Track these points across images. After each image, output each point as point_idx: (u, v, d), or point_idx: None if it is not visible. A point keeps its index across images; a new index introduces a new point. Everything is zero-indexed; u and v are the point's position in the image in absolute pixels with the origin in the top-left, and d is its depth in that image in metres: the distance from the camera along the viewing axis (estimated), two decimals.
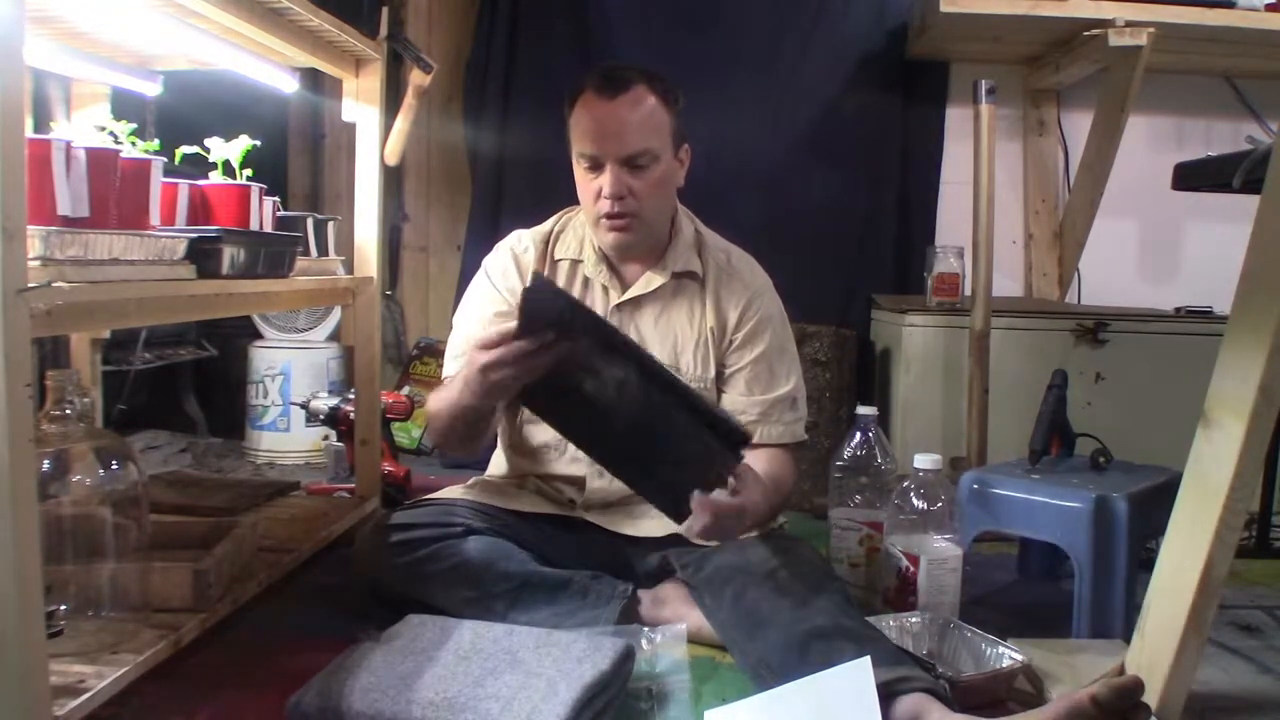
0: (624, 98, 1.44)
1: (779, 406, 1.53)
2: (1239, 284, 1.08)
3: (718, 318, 1.54)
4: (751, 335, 1.54)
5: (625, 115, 1.44)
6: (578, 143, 1.47)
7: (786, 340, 1.59)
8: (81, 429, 1.14)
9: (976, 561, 1.67)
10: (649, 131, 1.46)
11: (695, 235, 1.59)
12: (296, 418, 2.54)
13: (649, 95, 1.46)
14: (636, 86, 1.45)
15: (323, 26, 1.59)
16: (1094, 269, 2.82)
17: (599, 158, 1.44)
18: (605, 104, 1.45)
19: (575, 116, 1.48)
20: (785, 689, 1.14)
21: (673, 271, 1.55)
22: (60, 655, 1.06)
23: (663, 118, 1.48)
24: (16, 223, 0.85)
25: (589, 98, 1.46)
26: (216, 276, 1.34)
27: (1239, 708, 1.29)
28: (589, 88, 1.46)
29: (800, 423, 1.56)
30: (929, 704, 1.08)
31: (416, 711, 1.06)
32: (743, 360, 1.54)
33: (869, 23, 2.78)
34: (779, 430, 1.52)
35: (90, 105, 1.83)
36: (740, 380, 1.54)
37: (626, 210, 1.46)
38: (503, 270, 1.57)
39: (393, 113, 1.94)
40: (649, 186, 1.47)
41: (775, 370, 1.55)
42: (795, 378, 1.57)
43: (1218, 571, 1.06)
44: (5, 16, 0.83)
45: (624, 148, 1.44)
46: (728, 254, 1.60)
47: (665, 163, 1.48)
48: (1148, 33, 2.32)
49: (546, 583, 1.41)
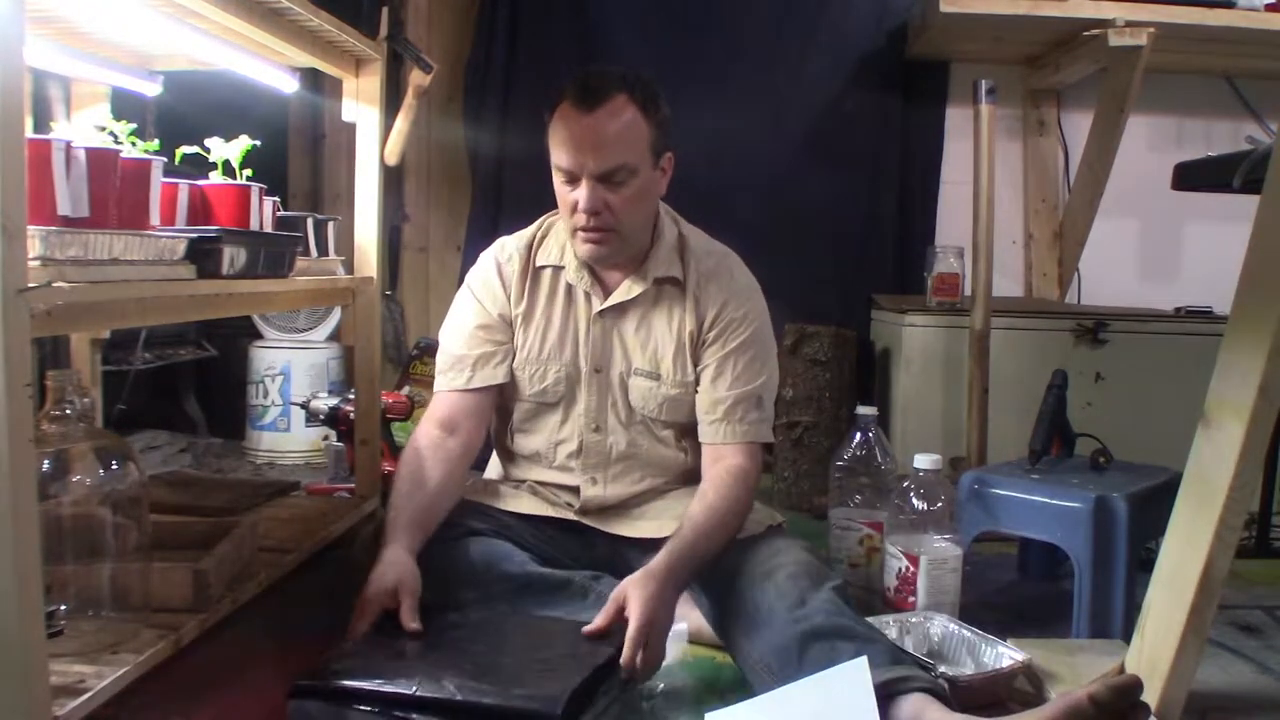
0: (601, 111, 1.39)
1: (743, 404, 1.48)
2: (1239, 284, 1.08)
3: (696, 319, 1.52)
4: (724, 331, 1.51)
5: (601, 129, 1.39)
6: (554, 154, 1.43)
7: (762, 341, 1.54)
8: (81, 429, 1.13)
9: (976, 561, 1.67)
10: (625, 146, 1.40)
11: (678, 239, 1.56)
12: (296, 418, 2.54)
13: (628, 106, 1.41)
14: (615, 97, 1.40)
15: (323, 26, 1.59)
16: (1094, 269, 2.83)
17: (574, 172, 1.41)
18: (582, 117, 1.39)
19: (553, 127, 1.43)
20: (785, 690, 1.14)
21: (654, 278, 1.52)
22: (60, 655, 1.05)
23: (641, 130, 1.42)
24: (16, 223, 0.85)
25: (566, 109, 1.41)
26: (216, 276, 1.34)
27: (1239, 708, 1.29)
28: (567, 98, 1.41)
29: (765, 423, 1.51)
30: (929, 704, 1.08)
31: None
32: (714, 356, 1.50)
33: (869, 23, 2.78)
34: (741, 429, 1.47)
35: (90, 105, 1.83)
36: (707, 374, 1.50)
37: (603, 225, 1.42)
38: (484, 282, 1.55)
39: (393, 113, 1.94)
40: (625, 201, 1.42)
41: (745, 367, 1.50)
42: (765, 378, 1.52)
43: (1218, 571, 1.06)
44: (5, 16, 0.83)
45: (600, 164, 1.39)
46: (711, 256, 1.56)
47: (643, 176, 1.44)
48: (1148, 33, 2.32)
49: (547, 583, 1.41)
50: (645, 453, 1.52)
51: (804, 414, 2.29)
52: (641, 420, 1.51)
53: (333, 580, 1.61)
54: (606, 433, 1.51)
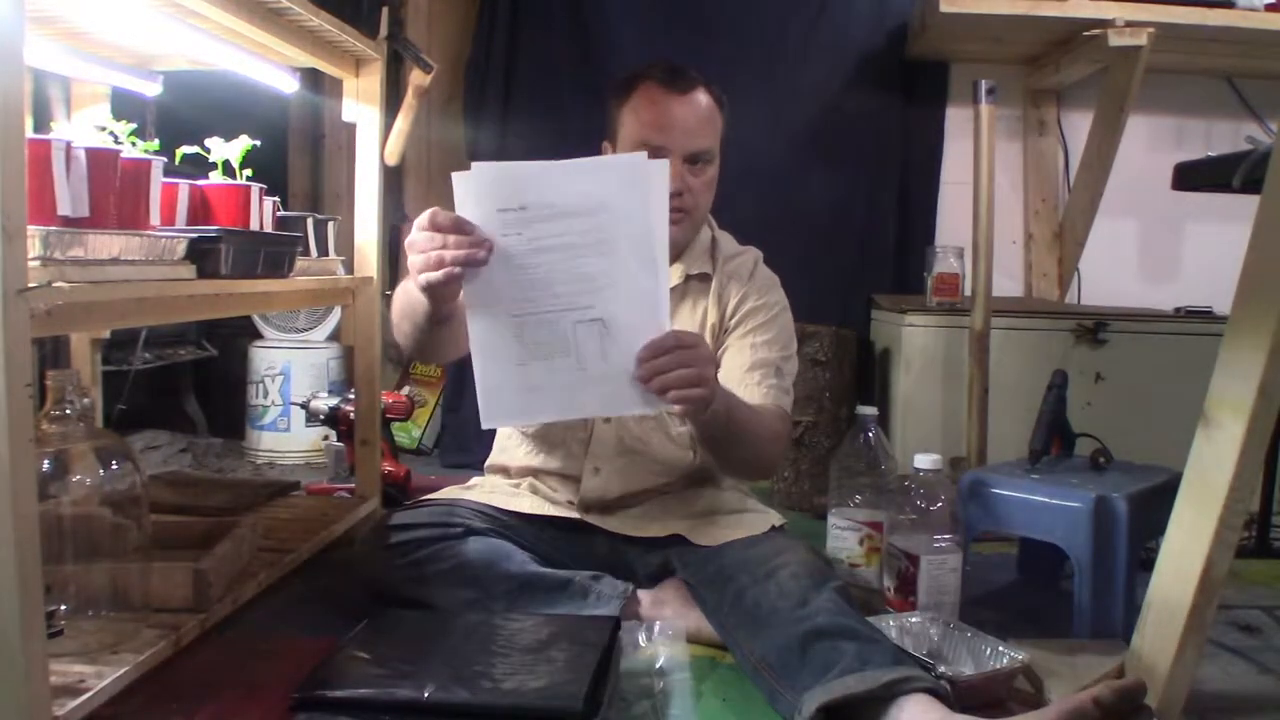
0: (691, 95, 1.47)
1: (760, 369, 1.50)
2: (1239, 284, 1.08)
3: (719, 312, 1.55)
4: (746, 317, 1.54)
5: (693, 112, 1.46)
6: (640, 131, 1.46)
7: (783, 326, 1.56)
8: (81, 429, 1.14)
9: (976, 561, 1.67)
10: (712, 130, 1.49)
11: (711, 240, 1.60)
12: (296, 418, 2.54)
13: (708, 96, 1.49)
14: (699, 86, 1.49)
15: (323, 26, 1.59)
16: (1094, 269, 2.83)
17: (664, 149, 1.42)
18: (675, 97, 1.46)
19: (635, 105, 1.48)
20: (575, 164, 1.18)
21: (687, 274, 1.55)
22: (60, 655, 1.05)
23: (718, 121, 1.50)
24: (16, 223, 0.85)
25: (654, 89, 1.47)
26: (216, 276, 1.34)
27: (1239, 708, 1.28)
28: (653, 79, 1.47)
29: (786, 394, 1.52)
30: (930, 704, 1.08)
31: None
32: (733, 339, 1.53)
33: (869, 23, 2.78)
34: (762, 391, 1.48)
35: (90, 105, 1.83)
36: (728, 355, 1.52)
37: (683, 205, 1.46)
38: None
39: (393, 113, 1.94)
40: (704, 185, 1.49)
41: (764, 344, 1.52)
42: (785, 354, 1.54)
43: (1218, 571, 1.06)
44: (5, 16, 0.83)
45: (690, 143, 1.45)
46: (738, 256, 1.60)
47: (715, 165, 1.51)
48: (1148, 33, 2.32)
49: (547, 583, 1.41)
50: (654, 449, 1.52)
51: (804, 414, 2.29)
52: (657, 414, 1.51)
53: (333, 580, 1.61)
54: (618, 423, 1.51)
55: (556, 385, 1.19)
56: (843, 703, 1.09)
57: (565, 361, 1.18)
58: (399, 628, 1.25)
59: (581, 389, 1.19)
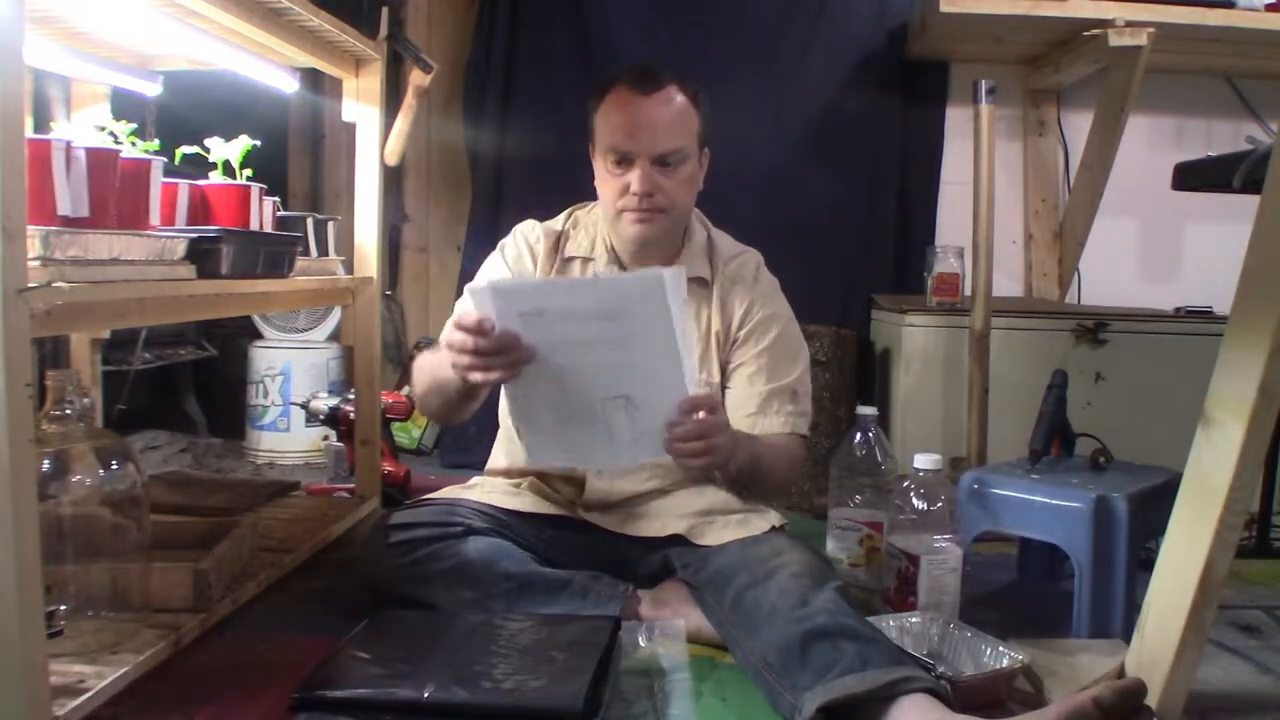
0: (658, 95, 1.45)
1: (778, 397, 1.52)
2: (1239, 284, 1.08)
3: (723, 320, 1.55)
4: (754, 330, 1.55)
5: (659, 112, 1.45)
6: (608, 136, 1.47)
7: (791, 337, 1.58)
8: (81, 429, 1.14)
9: (976, 561, 1.67)
10: (681, 129, 1.47)
11: (707, 241, 1.60)
12: (296, 418, 2.54)
13: (680, 94, 1.48)
14: (669, 86, 1.47)
15: (323, 26, 1.59)
16: (1094, 269, 2.82)
17: (630, 153, 1.44)
18: (640, 99, 1.45)
19: (605, 111, 1.48)
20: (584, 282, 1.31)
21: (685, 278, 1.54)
22: (60, 655, 1.06)
23: (692, 117, 1.49)
24: (16, 223, 0.85)
25: (622, 93, 1.46)
26: (216, 276, 1.34)
27: (1239, 708, 1.28)
28: (622, 83, 1.47)
29: (803, 417, 1.55)
30: (930, 705, 1.08)
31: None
32: (746, 355, 1.54)
33: (869, 23, 2.78)
34: (779, 421, 1.51)
35: (90, 105, 1.84)
36: (743, 374, 1.54)
37: (655, 205, 1.46)
38: (516, 257, 1.58)
39: (393, 113, 1.94)
40: (677, 185, 1.48)
41: (778, 364, 1.54)
42: (799, 372, 1.56)
43: (1218, 571, 1.06)
44: (5, 16, 0.83)
45: (657, 145, 1.44)
46: (737, 259, 1.60)
47: (691, 163, 1.49)
48: (1148, 33, 2.32)
49: (547, 583, 1.41)
50: None
51: None
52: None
53: (333, 580, 1.61)
54: None
55: (589, 444, 1.31)
56: (843, 703, 1.09)
57: (597, 430, 1.28)
58: (399, 628, 1.25)
59: (612, 450, 1.31)
